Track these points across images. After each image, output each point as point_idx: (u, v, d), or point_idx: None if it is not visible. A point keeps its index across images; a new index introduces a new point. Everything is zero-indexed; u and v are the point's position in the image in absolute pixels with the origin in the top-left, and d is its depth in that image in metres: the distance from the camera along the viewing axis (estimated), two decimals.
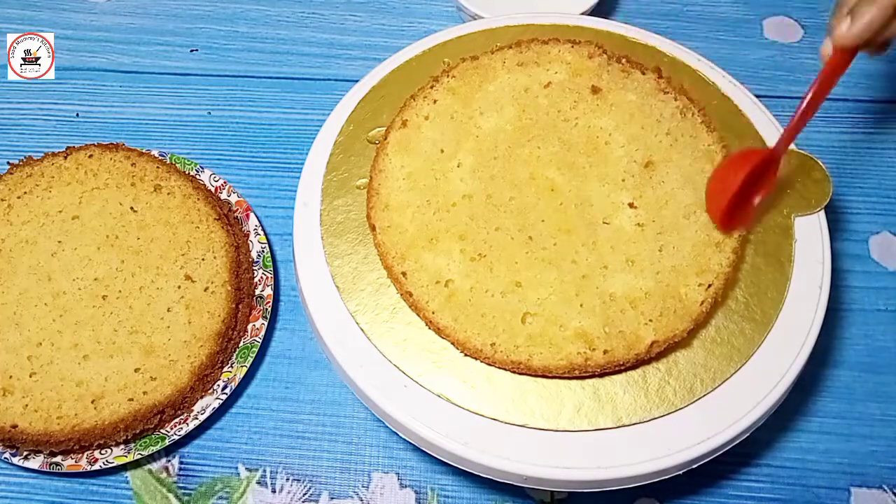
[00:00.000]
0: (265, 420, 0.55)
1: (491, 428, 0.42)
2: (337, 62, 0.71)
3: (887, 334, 0.58)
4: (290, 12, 0.75)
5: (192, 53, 0.72)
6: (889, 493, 0.52)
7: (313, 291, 0.47)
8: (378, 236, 0.47)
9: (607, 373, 0.43)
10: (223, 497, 0.52)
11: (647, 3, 0.76)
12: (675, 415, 0.42)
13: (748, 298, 0.46)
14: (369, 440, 0.54)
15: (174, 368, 0.50)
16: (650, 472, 0.42)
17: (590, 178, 0.48)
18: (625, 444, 0.42)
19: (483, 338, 0.43)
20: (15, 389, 0.48)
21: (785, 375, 0.43)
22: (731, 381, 0.43)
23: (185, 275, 0.53)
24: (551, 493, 0.52)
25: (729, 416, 0.42)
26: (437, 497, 0.52)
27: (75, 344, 0.50)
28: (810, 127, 0.44)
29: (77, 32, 0.73)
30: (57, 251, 0.53)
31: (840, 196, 0.64)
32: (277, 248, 0.60)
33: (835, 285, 0.46)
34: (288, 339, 0.58)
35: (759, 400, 0.43)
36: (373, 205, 0.48)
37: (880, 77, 0.71)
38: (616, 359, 0.42)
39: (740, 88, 0.54)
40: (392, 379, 0.44)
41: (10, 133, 0.67)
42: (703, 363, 0.44)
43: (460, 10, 0.69)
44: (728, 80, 0.54)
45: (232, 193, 0.60)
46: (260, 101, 0.69)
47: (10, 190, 0.56)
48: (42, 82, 0.70)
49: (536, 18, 0.57)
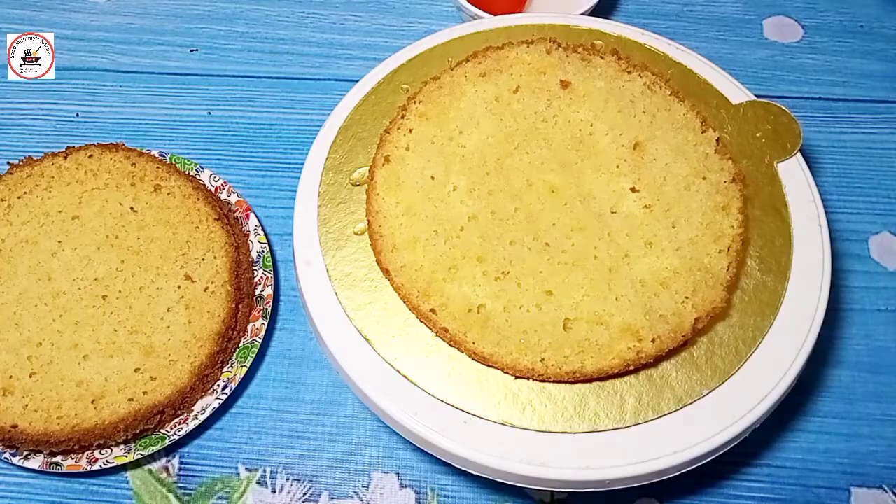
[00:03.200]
0: (265, 420, 0.55)
1: (491, 428, 0.42)
2: (337, 62, 0.71)
3: (887, 334, 0.58)
4: (290, 12, 0.75)
5: (192, 53, 0.72)
6: (889, 493, 0.52)
7: (335, 339, 0.45)
8: (395, 279, 0.45)
9: (660, 359, 0.44)
10: (223, 497, 0.52)
11: (647, 3, 0.76)
12: (676, 415, 0.42)
13: (760, 251, 0.47)
14: (369, 440, 0.54)
15: (174, 368, 0.50)
16: (650, 473, 0.41)
17: (585, 171, 0.48)
18: (625, 444, 0.42)
19: (531, 357, 0.43)
20: (15, 389, 0.48)
21: (785, 375, 0.43)
22: (731, 381, 0.43)
23: (185, 275, 0.53)
24: (551, 493, 0.52)
25: (729, 417, 0.42)
26: (437, 497, 0.52)
27: (75, 344, 0.50)
28: (811, 127, 0.44)
29: (77, 32, 0.73)
30: (57, 251, 0.53)
31: (840, 196, 0.64)
32: (277, 248, 0.60)
33: (835, 285, 0.46)
34: (288, 339, 0.58)
35: (759, 400, 0.43)
36: (380, 248, 0.46)
37: (880, 77, 0.71)
38: (665, 345, 0.42)
39: (689, 53, 0.55)
40: (392, 379, 0.44)
41: (10, 133, 0.67)
42: (739, 324, 0.44)
43: (460, 10, 0.69)
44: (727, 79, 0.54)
45: (232, 193, 0.60)
46: (260, 101, 0.69)
47: (10, 190, 0.56)
48: (42, 82, 0.70)
49: (536, 18, 0.57)
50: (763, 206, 0.48)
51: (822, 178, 0.64)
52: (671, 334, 0.43)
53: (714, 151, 0.48)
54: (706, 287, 0.44)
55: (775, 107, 0.51)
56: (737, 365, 0.43)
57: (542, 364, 0.42)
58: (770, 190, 0.49)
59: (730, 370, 0.43)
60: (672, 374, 0.43)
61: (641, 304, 0.43)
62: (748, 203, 0.48)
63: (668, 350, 0.43)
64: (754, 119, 0.51)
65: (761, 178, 0.49)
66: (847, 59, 0.73)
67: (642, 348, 0.42)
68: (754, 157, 0.50)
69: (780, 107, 0.51)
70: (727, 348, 0.44)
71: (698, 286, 0.44)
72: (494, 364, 0.43)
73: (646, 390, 0.43)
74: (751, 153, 0.50)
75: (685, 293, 0.44)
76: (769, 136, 0.50)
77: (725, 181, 0.47)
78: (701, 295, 0.44)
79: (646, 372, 0.44)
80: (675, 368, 0.44)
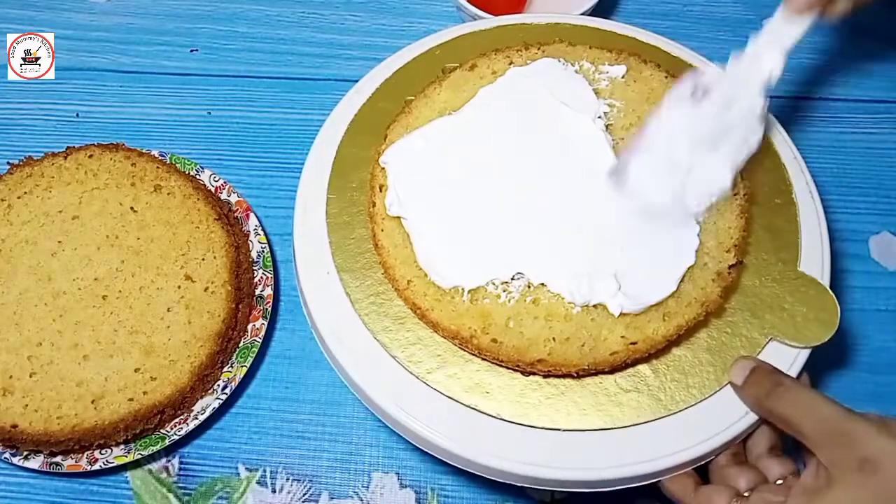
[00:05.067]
0: (265, 420, 0.55)
1: (491, 428, 0.42)
2: (337, 62, 0.71)
3: (887, 334, 0.58)
4: (290, 12, 0.75)
5: (192, 53, 0.72)
6: None
7: (335, 338, 0.45)
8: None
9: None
10: (223, 497, 0.52)
11: (647, 3, 0.76)
12: (676, 416, 0.42)
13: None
14: (369, 440, 0.54)
15: (174, 368, 0.50)
16: (650, 473, 0.42)
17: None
18: (625, 444, 0.42)
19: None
20: (15, 389, 0.48)
21: None
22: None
23: (185, 275, 0.53)
24: (551, 493, 0.52)
25: (729, 417, 0.42)
26: (437, 497, 0.52)
27: (75, 344, 0.50)
28: (811, 127, 0.44)
29: (77, 32, 0.73)
30: (57, 251, 0.53)
31: (840, 196, 0.64)
32: (277, 248, 0.60)
33: (835, 285, 0.46)
34: (288, 339, 0.58)
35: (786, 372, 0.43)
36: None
37: (880, 77, 0.71)
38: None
39: (689, 53, 0.56)
40: (392, 378, 0.44)
41: (10, 133, 0.67)
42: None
43: (460, 10, 0.69)
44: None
45: (232, 193, 0.60)
46: (260, 101, 0.69)
47: (10, 190, 0.56)
48: (42, 82, 0.70)
49: (536, 18, 0.58)
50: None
51: (822, 178, 0.64)
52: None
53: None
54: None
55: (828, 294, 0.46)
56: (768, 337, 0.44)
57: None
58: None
59: (753, 346, 0.43)
60: (673, 374, 0.43)
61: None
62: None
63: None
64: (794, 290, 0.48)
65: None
66: (847, 59, 0.73)
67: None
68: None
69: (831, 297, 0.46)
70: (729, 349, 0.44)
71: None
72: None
73: (646, 391, 0.43)
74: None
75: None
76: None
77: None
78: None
79: (646, 372, 0.44)
80: (675, 368, 0.44)
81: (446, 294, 0.44)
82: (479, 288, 0.44)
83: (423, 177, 0.48)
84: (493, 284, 0.44)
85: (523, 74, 0.51)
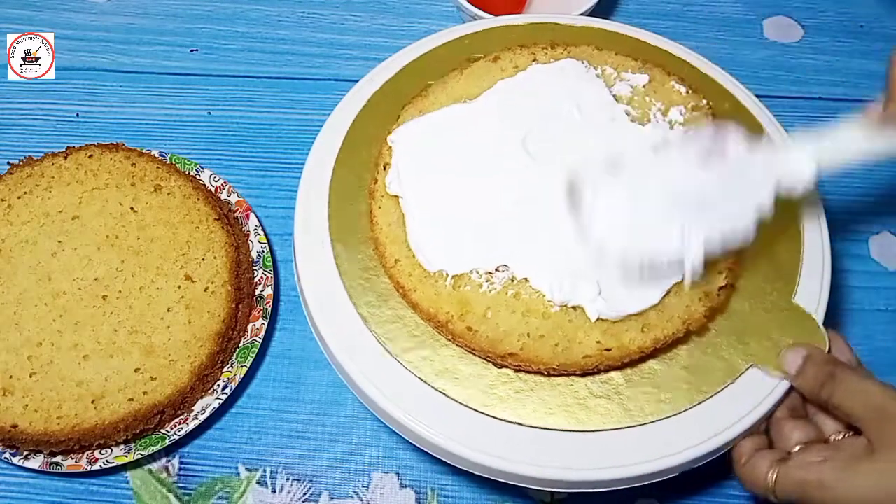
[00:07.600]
0: (265, 420, 0.55)
1: (491, 427, 0.42)
2: (337, 62, 0.71)
3: (887, 334, 0.58)
4: (290, 12, 0.75)
5: (192, 53, 0.72)
6: None
7: (335, 338, 0.45)
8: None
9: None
10: (223, 497, 0.52)
11: (647, 3, 0.76)
12: (677, 416, 0.42)
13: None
14: (369, 440, 0.54)
15: (174, 368, 0.50)
16: (650, 473, 0.41)
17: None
18: (625, 444, 0.42)
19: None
20: (15, 389, 0.48)
21: None
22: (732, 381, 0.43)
23: (185, 275, 0.53)
24: (551, 493, 0.52)
25: (729, 417, 0.42)
26: (437, 497, 0.52)
27: (75, 344, 0.50)
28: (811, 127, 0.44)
29: (77, 32, 0.73)
30: (57, 251, 0.53)
31: (840, 196, 0.64)
32: (277, 248, 0.60)
33: (835, 285, 0.46)
34: (288, 339, 0.58)
35: (760, 400, 0.42)
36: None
37: (880, 77, 0.71)
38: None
39: (689, 52, 0.55)
40: (365, 352, 0.44)
41: (10, 133, 0.67)
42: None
43: (460, 10, 0.69)
44: (729, 80, 0.54)
45: (232, 193, 0.60)
46: (260, 101, 0.69)
47: (10, 190, 0.56)
48: (42, 82, 0.70)
49: (536, 18, 0.58)
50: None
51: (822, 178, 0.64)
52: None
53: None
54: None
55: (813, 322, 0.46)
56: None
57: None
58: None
59: (732, 371, 0.43)
60: (673, 374, 0.43)
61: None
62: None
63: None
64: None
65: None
66: (847, 59, 0.73)
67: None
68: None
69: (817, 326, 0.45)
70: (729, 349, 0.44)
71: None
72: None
73: (616, 399, 0.43)
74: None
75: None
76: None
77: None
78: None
79: (647, 372, 0.44)
80: (675, 369, 0.44)
81: (430, 277, 0.44)
82: (462, 275, 0.44)
83: (427, 160, 0.48)
84: (476, 273, 0.44)
85: (544, 72, 0.51)
